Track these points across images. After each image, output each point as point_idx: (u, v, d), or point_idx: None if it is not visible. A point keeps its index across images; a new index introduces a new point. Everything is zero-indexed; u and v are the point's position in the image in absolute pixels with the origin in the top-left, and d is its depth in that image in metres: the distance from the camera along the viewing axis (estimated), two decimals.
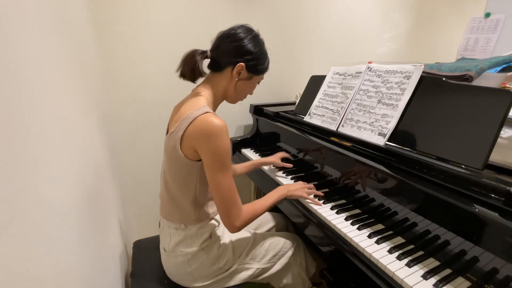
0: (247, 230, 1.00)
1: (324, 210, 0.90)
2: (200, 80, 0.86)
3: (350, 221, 0.85)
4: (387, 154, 0.84)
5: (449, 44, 1.94)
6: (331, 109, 1.10)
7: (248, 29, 0.82)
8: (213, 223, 0.89)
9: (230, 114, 1.63)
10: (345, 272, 0.82)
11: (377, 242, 0.75)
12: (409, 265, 0.67)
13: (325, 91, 1.19)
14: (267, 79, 1.65)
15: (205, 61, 0.83)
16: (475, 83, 0.95)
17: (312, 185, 1.01)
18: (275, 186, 1.13)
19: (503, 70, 1.07)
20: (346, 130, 1.01)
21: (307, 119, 1.20)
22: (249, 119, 1.66)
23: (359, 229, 0.81)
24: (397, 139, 0.86)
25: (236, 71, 0.81)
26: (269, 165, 1.22)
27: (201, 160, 0.75)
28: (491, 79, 1.00)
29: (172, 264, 0.87)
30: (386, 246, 0.74)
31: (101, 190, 0.87)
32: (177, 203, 0.83)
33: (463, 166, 0.68)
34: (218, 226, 0.90)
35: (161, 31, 1.32)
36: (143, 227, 1.52)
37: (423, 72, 0.87)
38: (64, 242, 0.50)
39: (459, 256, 0.65)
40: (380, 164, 0.83)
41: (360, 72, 1.05)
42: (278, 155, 1.21)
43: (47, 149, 0.49)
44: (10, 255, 0.34)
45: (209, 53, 0.82)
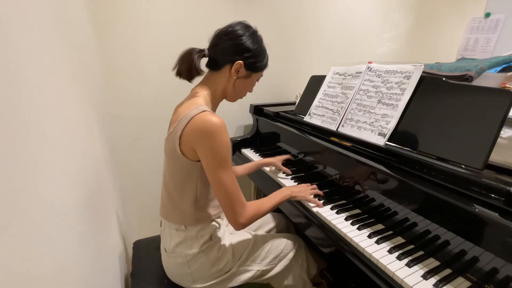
0: (248, 231, 1.00)
1: (324, 210, 0.90)
2: (198, 79, 0.85)
3: (350, 221, 0.85)
4: (387, 154, 0.84)
5: (449, 44, 1.94)
6: (331, 109, 1.10)
7: (246, 26, 0.81)
8: (213, 224, 0.88)
9: (230, 114, 1.63)
10: (345, 272, 0.82)
11: (377, 242, 0.75)
12: (409, 265, 0.67)
13: (325, 91, 1.19)
14: (267, 79, 1.67)
15: (203, 60, 0.82)
16: (475, 83, 0.95)
17: (315, 185, 1.01)
18: (276, 186, 1.13)
19: (503, 70, 1.07)
20: (346, 130, 1.01)
21: (307, 119, 1.20)
22: (249, 119, 1.67)
23: (359, 229, 0.81)
24: (397, 139, 0.86)
25: (234, 69, 0.80)
26: (270, 166, 1.22)
27: (200, 161, 0.74)
28: (491, 79, 1.00)
29: (172, 265, 0.87)
30: (386, 246, 0.74)
31: (101, 190, 0.87)
32: (177, 204, 0.82)
33: (463, 166, 0.68)
34: (218, 228, 0.89)
35: (161, 31, 1.32)
36: (143, 227, 1.52)
37: (423, 72, 0.87)
38: (64, 242, 0.50)
39: (459, 256, 0.65)
40: (380, 164, 0.83)
41: (360, 72, 1.05)
42: (279, 158, 1.21)
43: (47, 149, 0.49)
44: (10, 255, 0.34)
45: (206, 51, 0.81)
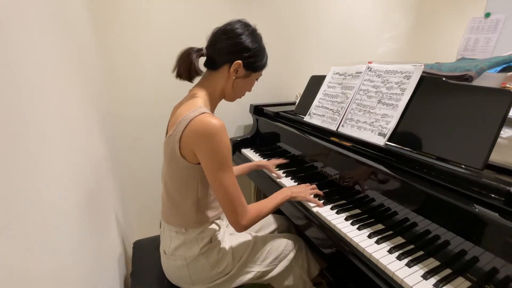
0: (248, 233, 0.99)
1: (324, 210, 0.90)
2: (198, 79, 0.84)
3: (350, 221, 0.85)
4: (387, 154, 0.84)
5: (449, 44, 1.94)
6: (331, 109, 1.10)
7: (245, 24, 0.79)
8: (213, 227, 0.87)
9: (230, 114, 1.63)
10: (345, 272, 0.82)
11: (377, 242, 0.75)
12: (409, 265, 0.67)
13: (325, 91, 1.19)
14: (267, 79, 1.67)
15: (202, 59, 0.81)
16: (475, 83, 0.95)
17: (315, 186, 1.01)
18: (275, 186, 1.13)
19: (503, 70, 1.07)
20: (346, 130, 1.01)
21: (307, 119, 1.20)
22: (249, 119, 1.67)
23: (359, 229, 0.81)
24: (397, 139, 0.86)
25: (233, 69, 0.78)
26: (263, 169, 1.22)
27: (200, 164, 0.73)
28: (491, 79, 1.00)
29: (171, 267, 0.87)
30: (386, 246, 0.74)
31: (101, 190, 0.87)
32: (178, 206, 0.81)
33: (463, 166, 0.68)
34: (218, 231, 0.89)
35: (161, 30, 1.32)
36: (143, 227, 1.52)
37: (423, 72, 0.87)
38: (64, 242, 0.50)
39: (459, 256, 0.65)
40: (380, 164, 0.83)
41: (360, 72, 1.05)
42: (272, 162, 1.21)
43: (47, 149, 0.49)
44: (10, 255, 0.34)
45: (204, 50, 0.79)
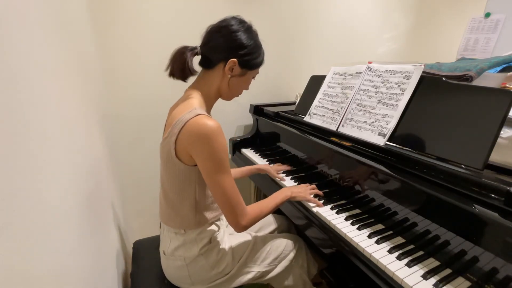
0: (248, 233, 0.99)
1: (324, 210, 0.90)
2: (192, 78, 0.83)
3: (350, 221, 0.85)
4: (387, 154, 0.84)
5: (449, 44, 1.94)
6: (331, 109, 1.10)
7: (240, 21, 0.77)
8: (212, 228, 0.87)
9: (230, 114, 1.63)
10: (345, 272, 0.82)
11: (377, 242, 0.75)
12: (409, 265, 0.67)
13: (325, 91, 1.19)
14: (267, 79, 1.67)
15: (196, 58, 0.79)
16: (475, 83, 0.95)
17: (315, 185, 1.01)
18: (275, 186, 1.13)
19: (503, 70, 1.07)
20: (346, 130, 1.00)
21: (307, 119, 1.20)
22: (249, 119, 1.66)
23: (359, 229, 0.81)
24: (397, 139, 0.86)
25: (228, 67, 0.76)
26: (264, 173, 1.20)
27: (197, 166, 0.73)
28: (491, 79, 1.00)
29: (171, 268, 0.86)
30: (386, 246, 0.74)
31: (101, 190, 0.87)
32: (177, 208, 0.81)
33: (463, 166, 0.68)
34: (218, 231, 0.89)
35: (161, 30, 1.32)
36: (143, 227, 1.52)
37: (423, 72, 0.87)
38: (64, 242, 0.50)
39: (459, 256, 0.65)
40: (380, 164, 0.83)
41: (360, 72, 1.05)
42: (275, 168, 1.20)
43: (47, 149, 0.49)
44: (10, 255, 0.34)
45: (199, 49, 0.77)
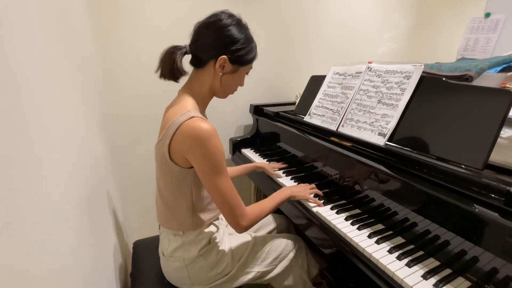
0: (248, 233, 0.99)
1: (324, 210, 0.90)
2: (185, 78, 0.81)
3: (350, 221, 0.85)
4: (387, 154, 0.84)
5: (449, 44, 1.94)
6: (331, 109, 1.10)
7: (229, 15, 0.74)
8: (211, 228, 0.87)
9: (230, 114, 1.63)
10: (345, 272, 0.82)
11: (377, 242, 0.75)
12: (409, 265, 0.67)
13: (325, 91, 1.19)
14: (267, 79, 1.67)
15: (187, 58, 0.78)
16: (475, 83, 0.95)
17: (314, 185, 1.01)
18: (275, 186, 1.13)
19: (503, 70, 1.07)
20: (346, 130, 1.00)
21: (307, 119, 1.20)
22: (249, 119, 1.66)
23: (359, 229, 0.81)
24: (397, 139, 0.86)
25: (218, 65, 0.74)
26: (261, 170, 1.21)
27: (193, 167, 0.72)
28: (491, 79, 1.00)
29: (170, 269, 0.86)
30: (386, 246, 0.74)
31: (101, 190, 0.87)
32: (174, 210, 0.80)
33: (463, 166, 0.68)
34: (217, 231, 0.89)
35: (161, 31, 1.31)
36: (143, 227, 1.52)
37: (423, 72, 0.87)
38: (64, 242, 0.50)
39: (459, 256, 0.65)
40: (380, 164, 0.83)
41: (360, 72, 1.05)
42: (271, 165, 1.21)
43: (47, 149, 0.49)
44: (10, 255, 0.34)
45: (188, 48, 0.76)
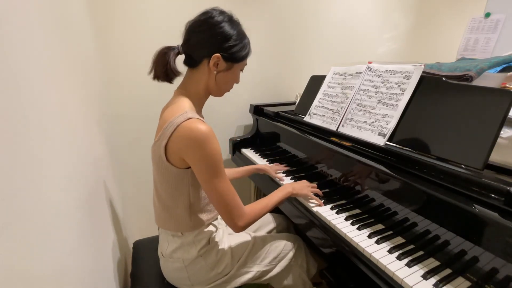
0: (247, 233, 0.99)
1: (324, 210, 0.90)
2: (179, 79, 0.81)
3: (350, 221, 0.85)
4: (387, 154, 0.84)
5: (449, 44, 1.94)
6: (331, 109, 1.10)
7: (220, 12, 0.73)
8: (210, 229, 0.87)
9: (230, 114, 1.63)
10: (345, 272, 0.82)
11: (377, 242, 0.75)
12: (409, 265, 0.67)
13: (325, 91, 1.19)
14: (267, 79, 1.67)
15: (181, 59, 0.77)
16: (475, 83, 0.95)
17: (315, 184, 1.01)
18: (275, 186, 1.13)
19: (503, 70, 1.07)
20: (346, 130, 1.00)
21: (307, 119, 1.20)
22: (249, 119, 1.66)
23: (359, 229, 0.81)
24: (397, 139, 0.86)
25: (212, 63, 0.73)
26: (263, 173, 1.19)
27: (190, 168, 0.72)
28: (491, 79, 1.00)
29: (170, 269, 0.86)
30: (386, 246, 0.74)
31: (101, 190, 0.87)
32: (171, 212, 0.80)
33: (463, 166, 0.68)
34: (216, 232, 0.88)
35: (161, 31, 1.31)
36: (143, 227, 1.52)
37: (423, 72, 0.87)
38: (64, 242, 0.50)
39: (459, 256, 0.65)
40: (380, 164, 0.83)
41: (360, 72, 1.05)
42: (274, 168, 1.20)
43: (47, 149, 0.49)
44: (10, 255, 0.34)
45: (180, 48, 0.75)
